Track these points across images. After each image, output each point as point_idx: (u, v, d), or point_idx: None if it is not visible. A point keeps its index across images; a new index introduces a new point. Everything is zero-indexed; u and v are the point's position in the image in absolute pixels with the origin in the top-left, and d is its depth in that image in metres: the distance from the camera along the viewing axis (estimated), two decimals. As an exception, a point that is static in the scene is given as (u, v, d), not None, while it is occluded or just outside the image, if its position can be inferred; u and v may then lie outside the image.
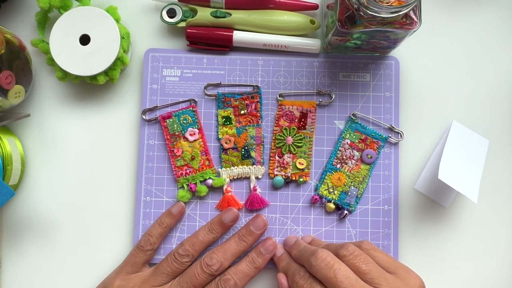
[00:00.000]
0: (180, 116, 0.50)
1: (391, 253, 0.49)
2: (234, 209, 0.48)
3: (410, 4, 0.38)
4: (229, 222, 0.48)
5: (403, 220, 0.50)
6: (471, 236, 0.50)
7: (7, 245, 0.50)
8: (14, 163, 0.48)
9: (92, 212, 0.50)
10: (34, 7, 0.51)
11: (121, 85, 0.52)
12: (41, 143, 0.51)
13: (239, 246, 0.46)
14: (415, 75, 0.52)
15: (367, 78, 0.51)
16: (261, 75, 0.51)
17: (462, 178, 0.47)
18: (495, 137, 0.51)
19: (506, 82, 0.52)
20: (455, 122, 0.51)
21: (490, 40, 0.52)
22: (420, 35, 0.51)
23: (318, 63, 0.51)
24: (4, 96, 0.46)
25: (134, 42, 0.52)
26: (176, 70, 0.51)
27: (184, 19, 0.50)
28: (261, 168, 0.50)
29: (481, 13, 0.52)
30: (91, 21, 0.48)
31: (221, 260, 0.45)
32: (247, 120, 0.50)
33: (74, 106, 0.51)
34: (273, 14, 0.49)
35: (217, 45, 0.50)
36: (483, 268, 0.50)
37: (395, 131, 0.50)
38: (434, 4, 0.53)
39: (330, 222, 0.49)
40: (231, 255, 0.46)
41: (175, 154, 0.49)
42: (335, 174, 0.49)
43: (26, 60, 0.49)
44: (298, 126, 0.50)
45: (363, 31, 0.42)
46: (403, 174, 0.51)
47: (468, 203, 0.51)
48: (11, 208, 0.51)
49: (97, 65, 0.47)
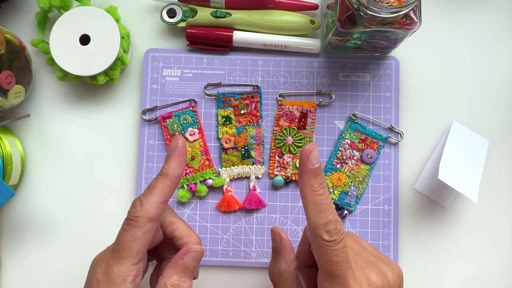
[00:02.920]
0: (180, 116, 0.50)
1: (391, 253, 0.49)
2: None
3: (410, 4, 0.38)
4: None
5: (403, 220, 0.50)
6: (471, 236, 0.50)
7: (7, 245, 0.50)
8: (14, 163, 0.48)
9: (92, 212, 0.50)
10: (34, 7, 0.51)
11: (121, 85, 0.52)
12: (41, 143, 0.51)
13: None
14: (415, 75, 0.52)
15: (367, 78, 0.51)
16: (261, 75, 0.51)
17: (462, 178, 0.47)
18: (495, 137, 0.51)
19: (506, 82, 0.52)
20: (455, 122, 0.51)
21: (490, 40, 0.52)
22: (420, 35, 0.51)
23: (318, 63, 0.51)
24: (4, 96, 0.46)
25: (134, 42, 0.52)
26: (176, 70, 0.51)
27: (184, 19, 0.50)
28: (261, 167, 0.50)
29: (481, 13, 0.52)
30: (91, 21, 0.48)
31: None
32: (247, 119, 0.50)
33: (74, 106, 0.51)
34: (273, 14, 0.49)
35: (217, 45, 0.50)
36: (483, 268, 0.50)
37: (395, 131, 0.50)
38: (434, 4, 0.53)
39: (330, 222, 0.49)
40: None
41: (175, 154, 0.49)
42: (335, 174, 0.49)
43: (26, 60, 0.49)
44: (298, 126, 0.50)
45: (363, 31, 0.42)
46: (403, 174, 0.51)
47: (468, 203, 0.51)
48: (11, 208, 0.51)
49: (97, 65, 0.47)
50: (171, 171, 0.35)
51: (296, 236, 0.49)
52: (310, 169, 0.33)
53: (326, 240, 0.33)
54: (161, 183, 0.35)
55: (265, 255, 0.49)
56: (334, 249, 0.33)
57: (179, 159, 0.36)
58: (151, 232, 0.35)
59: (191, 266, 0.36)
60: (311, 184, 0.34)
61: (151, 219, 0.34)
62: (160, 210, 0.35)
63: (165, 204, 0.36)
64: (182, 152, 0.36)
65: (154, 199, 0.34)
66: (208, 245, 0.49)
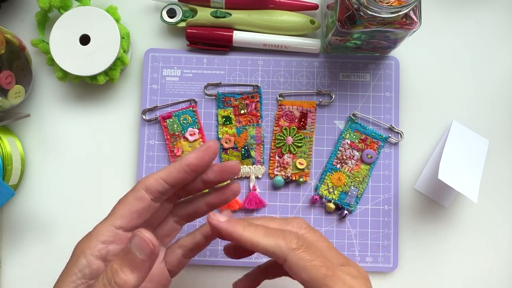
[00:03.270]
0: (180, 116, 0.50)
1: (391, 253, 0.49)
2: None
3: (410, 4, 0.38)
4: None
5: (403, 220, 0.50)
6: (471, 236, 0.50)
7: (7, 245, 0.50)
8: (14, 163, 0.48)
9: (92, 212, 0.50)
10: (34, 7, 0.51)
11: (121, 85, 0.52)
12: (41, 143, 0.51)
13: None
14: (415, 75, 0.52)
15: (367, 78, 0.51)
16: (261, 75, 0.51)
17: (462, 178, 0.47)
18: (495, 137, 0.51)
19: (506, 82, 0.52)
20: (455, 122, 0.51)
21: (490, 40, 0.52)
22: (420, 35, 0.51)
23: (318, 63, 0.51)
24: (4, 96, 0.46)
25: (134, 42, 0.52)
26: (176, 70, 0.51)
27: (184, 19, 0.50)
28: (261, 167, 0.50)
29: (481, 13, 0.52)
30: (91, 21, 0.48)
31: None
32: (247, 119, 0.50)
33: (74, 106, 0.51)
34: (273, 14, 0.49)
35: (217, 45, 0.50)
36: (483, 268, 0.50)
37: (395, 131, 0.50)
38: (434, 4, 0.53)
39: (330, 222, 0.49)
40: None
41: (175, 154, 0.49)
42: (335, 174, 0.49)
43: (26, 60, 0.49)
44: (298, 126, 0.50)
45: (363, 31, 0.42)
46: (403, 174, 0.51)
47: (468, 203, 0.51)
48: (11, 208, 0.51)
49: (97, 65, 0.47)
50: (184, 158, 0.36)
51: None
52: (221, 224, 0.34)
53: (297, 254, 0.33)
54: (171, 164, 0.36)
55: (265, 255, 0.49)
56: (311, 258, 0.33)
57: (198, 153, 0.36)
58: (142, 201, 0.35)
59: (135, 256, 0.30)
60: (238, 229, 0.34)
61: (146, 188, 0.35)
62: (159, 185, 0.35)
63: (169, 185, 0.35)
64: (204, 149, 0.36)
65: (158, 174, 0.35)
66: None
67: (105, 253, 0.34)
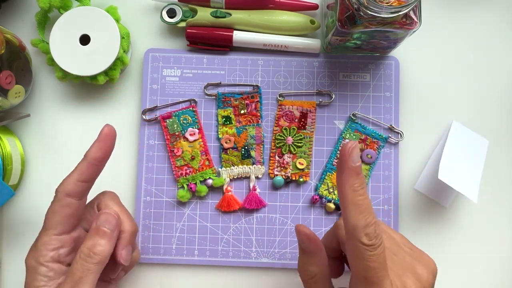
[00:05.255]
0: (180, 116, 0.50)
1: (391, 253, 0.49)
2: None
3: (410, 4, 0.38)
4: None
5: (403, 220, 0.50)
6: (471, 236, 0.50)
7: (7, 245, 0.50)
8: (14, 163, 0.48)
9: (92, 212, 0.50)
10: (34, 7, 0.51)
11: (121, 85, 0.52)
12: (41, 143, 0.51)
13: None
14: (415, 75, 0.52)
15: (367, 78, 0.51)
16: (261, 75, 0.51)
17: (462, 178, 0.47)
18: (495, 137, 0.51)
19: (506, 82, 0.52)
20: (455, 122, 0.51)
21: (490, 40, 0.52)
22: (420, 35, 0.51)
23: (318, 63, 0.51)
24: (4, 96, 0.46)
25: (134, 42, 0.52)
26: (176, 70, 0.51)
27: (184, 19, 0.50)
28: (261, 167, 0.50)
29: (481, 13, 0.52)
30: (91, 21, 0.48)
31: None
32: (247, 119, 0.50)
33: (74, 106, 0.51)
34: (273, 14, 0.49)
35: (217, 45, 0.50)
36: (483, 268, 0.50)
37: (395, 131, 0.50)
38: (434, 4, 0.53)
39: (330, 222, 0.49)
40: None
41: (175, 154, 0.49)
42: (335, 174, 0.49)
43: (26, 60, 0.49)
44: (298, 126, 0.50)
45: (363, 31, 0.42)
46: (403, 174, 0.51)
47: (468, 203, 0.51)
48: (11, 208, 0.51)
49: (97, 65, 0.47)
50: (89, 154, 0.39)
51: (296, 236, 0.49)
52: (352, 168, 0.32)
53: (364, 244, 0.31)
54: (80, 164, 0.39)
55: (265, 255, 0.49)
56: (372, 254, 0.31)
57: (98, 144, 0.39)
58: (70, 206, 0.38)
59: (105, 229, 0.38)
60: (352, 183, 0.32)
61: (68, 194, 0.38)
62: (77, 187, 0.38)
63: (86, 182, 0.39)
64: (103, 138, 0.39)
65: (72, 177, 0.39)
66: (208, 245, 0.49)
67: (58, 256, 0.39)
